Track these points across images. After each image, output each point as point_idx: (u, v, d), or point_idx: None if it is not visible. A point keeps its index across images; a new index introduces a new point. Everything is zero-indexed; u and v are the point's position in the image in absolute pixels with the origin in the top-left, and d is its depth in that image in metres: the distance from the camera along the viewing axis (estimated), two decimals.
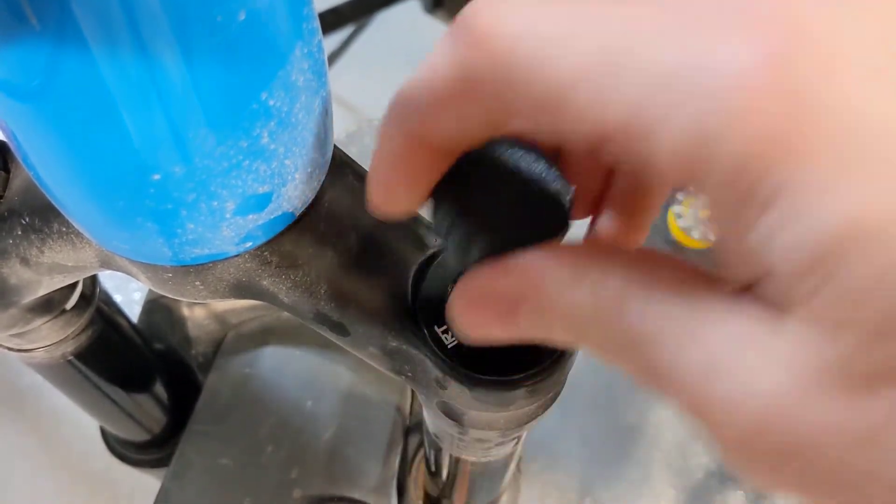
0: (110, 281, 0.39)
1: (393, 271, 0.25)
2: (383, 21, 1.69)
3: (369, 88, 1.60)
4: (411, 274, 0.25)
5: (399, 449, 0.46)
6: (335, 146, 0.25)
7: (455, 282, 0.21)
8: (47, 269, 0.27)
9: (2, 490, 1.14)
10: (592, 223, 0.24)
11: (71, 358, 0.38)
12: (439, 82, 0.16)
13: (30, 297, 0.30)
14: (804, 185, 0.13)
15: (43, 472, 1.16)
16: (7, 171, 0.26)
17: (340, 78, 1.60)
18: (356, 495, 0.41)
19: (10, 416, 1.20)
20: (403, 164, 0.18)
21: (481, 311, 0.19)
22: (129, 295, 1.29)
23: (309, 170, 0.22)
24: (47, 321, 0.34)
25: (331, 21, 1.35)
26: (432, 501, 0.47)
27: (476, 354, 0.24)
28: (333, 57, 1.56)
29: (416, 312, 0.25)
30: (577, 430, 1.26)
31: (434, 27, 1.74)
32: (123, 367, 0.44)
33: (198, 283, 0.24)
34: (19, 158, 0.20)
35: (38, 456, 1.18)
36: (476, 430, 0.28)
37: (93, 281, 0.37)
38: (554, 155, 0.21)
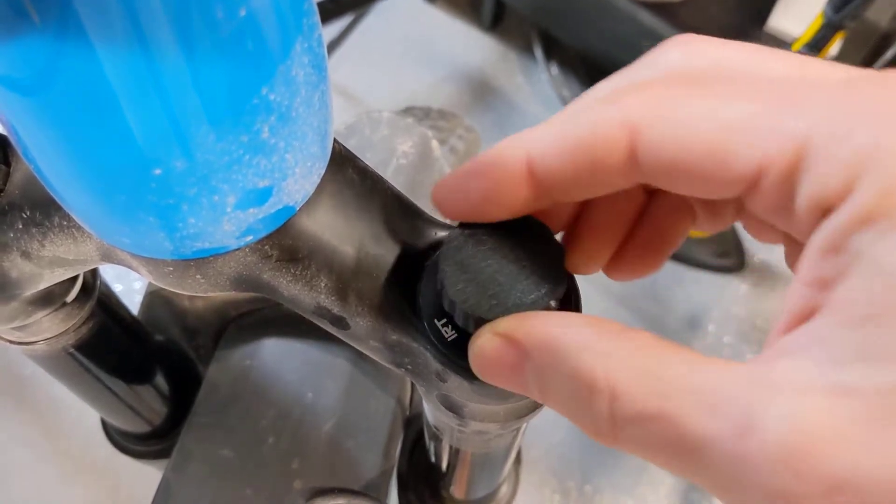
0: (111, 270, 0.39)
1: (393, 264, 0.25)
2: (382, 10, 1.68)
3: (369, 78, 1.59)
4: (411, 267, 0.25)
5: (399, 440, 0.46)
6: (335, 139, 0.25)
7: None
8: (48, 262, 0.27)
9: (4, 479, 1.15)
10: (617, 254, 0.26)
11: (72, 350, 0.38)
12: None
13: (31, 291, 0.30)
14: None
15: (45, 461, 1.17)
16: (8, 164, 0.26)
17: (340, 68, 1.60)
18: (357, 486, 0.41)
19: (13, 406, 1.20)
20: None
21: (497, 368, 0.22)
22: (129, 284, 1.29)
23: (309, 164, 0.22)
24: (48, 314, 0.34)
25: (330, 10, 1.35)
26: (432, 492, 0.48)
27: None
28: (332, 46, 1.56)
29: (417, 305, 0.25)
30: None
31: (433, 15, 1.74)
32: (124, 360, 0.44)
33: (198, 276, 0.24)
34: (20, 152, 0.20)
35: (41, 445, 1.18)
36: (476, 422, 0.28)
37: (93, 274, 0.37)
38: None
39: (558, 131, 0.20)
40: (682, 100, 0.18)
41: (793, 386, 0.15)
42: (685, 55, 0.21)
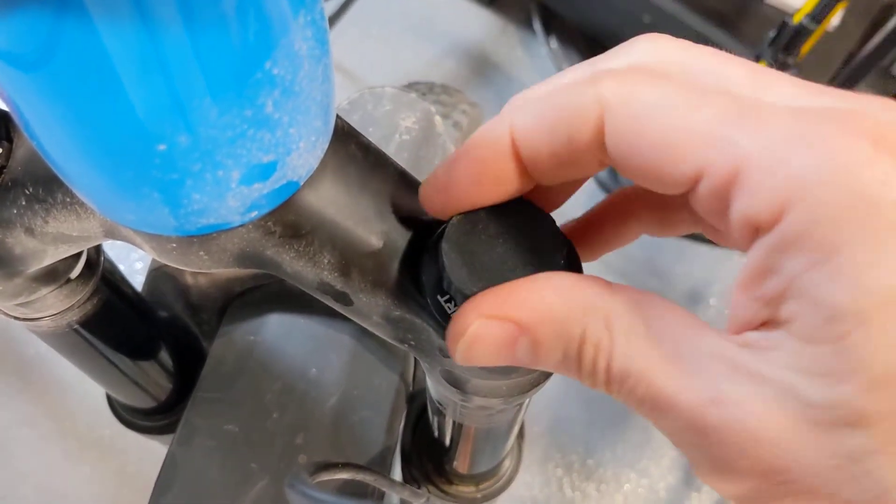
0: (111, 252, 0.39)
1: (396, 241, 0.25)
2: None
3: (368, 53, 1.58)
4: (414, 242, 0.25)
5: (403, 415, 0.46)
6: (337, 115, 0.25)
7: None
8: (52, 238, 0.27)
9: (11, 458, 1.16)
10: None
11: (77, 326, 0.38)
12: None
13: (35, 267, 0.30)
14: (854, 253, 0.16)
15: (51, 440, 1.18)
16: (10, 140, 0.26)
17: (338, 43, 1.59)
18: (361, 461, 0.41)
19: (18, 387, 1.21)
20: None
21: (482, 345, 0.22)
22: (130, 265, 1.29)
23: (313, 138, 0.22)
24: (52, 290, 0.34)
25: None
26: (436, 467, 0.48)
27: None
28: (331, 21, 1.55)
29: (420, 281, 0.25)
30: (580, 394, 1.27)
31: None
32: (129, 335, 0.44)
33: (202, 252, 0.24)
34: (22, 128, 0.20)
35: (46, 424, 1.19)
36: (479, 397, 0.28)
37: (97, 250, 0.37)
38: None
39: (538, 106, 0.21)
40: (647, 89, 0.19)
41: (761, 375, 0.17)
42: (654, 50, 0.22)
